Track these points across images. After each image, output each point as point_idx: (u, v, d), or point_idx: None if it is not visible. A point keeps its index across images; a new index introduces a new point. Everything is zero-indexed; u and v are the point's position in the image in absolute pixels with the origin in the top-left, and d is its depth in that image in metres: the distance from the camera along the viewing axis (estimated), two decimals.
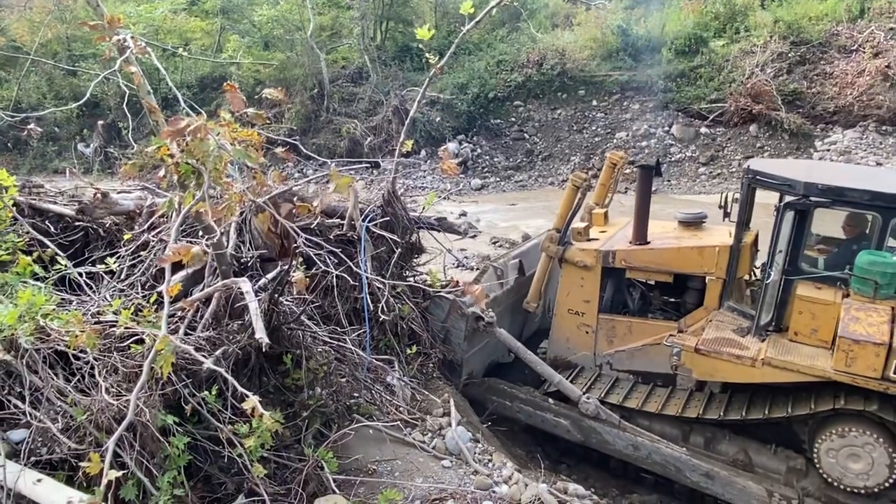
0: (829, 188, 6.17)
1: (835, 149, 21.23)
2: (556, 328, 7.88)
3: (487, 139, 25.07)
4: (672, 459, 6.62)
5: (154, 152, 3.75)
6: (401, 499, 4.74)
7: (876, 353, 5.55)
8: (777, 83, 22.41)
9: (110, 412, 3.80)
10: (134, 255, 5.41)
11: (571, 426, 7.03)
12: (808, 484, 6.34)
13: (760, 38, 24.04)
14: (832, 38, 23.55)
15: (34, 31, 28.30)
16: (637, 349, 7.40)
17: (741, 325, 6.80)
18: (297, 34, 26.79)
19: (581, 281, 7.50)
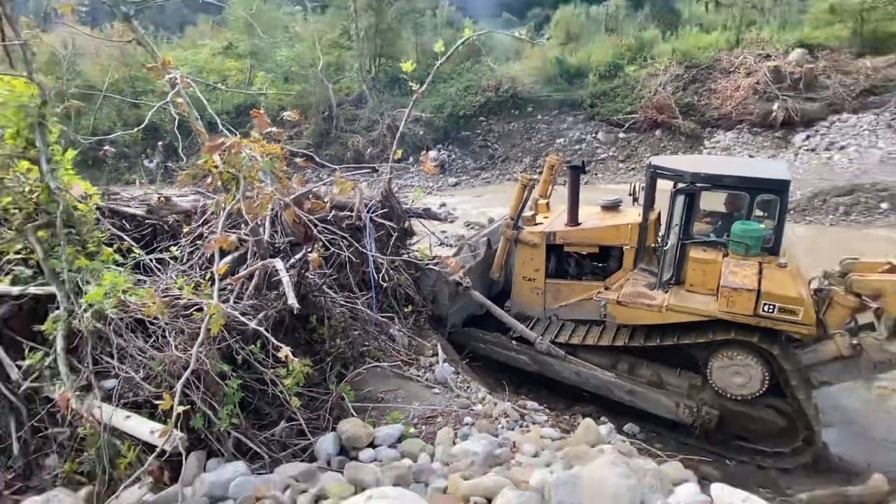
0: (710, 175, 6.31)
1: (719, 146, 21.38)
2: (515, 292, 7.86)
3: (459, 147, 24.93)
4: (604, 382, 6.71)
5: (203, 164, 3.68)
6: (403, 418, 4.78)
7: (749, 297, 5.70)
8: (675, 98, 22.46)
9: (179, 363, 3.77)
10: (192, 244, 5.32)
11: (530, 360, 7.12)
12: (704, 396, 6.46)
13: (662, 63, 24.02)
14: (716, 63, 23.59)
15: (104, 73, 27.63)
16: (575, 303, 7.42)
17: (650, 282, 6.87)
18: (310, 69, 26.34)
19: (531, 255, 7.50)
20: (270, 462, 4.02)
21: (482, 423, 4.68)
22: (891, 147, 18.48)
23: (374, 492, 1.87)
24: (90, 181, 5.10)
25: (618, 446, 4.13)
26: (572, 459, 2.94)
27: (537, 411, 5.69)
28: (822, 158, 19.10)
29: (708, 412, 6.30)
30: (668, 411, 6.49)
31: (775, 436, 6.25)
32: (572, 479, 2.13)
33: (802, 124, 20.54)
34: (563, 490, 2.10)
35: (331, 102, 25.87)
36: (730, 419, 6.34)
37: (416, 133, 24.20)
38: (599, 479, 2.07)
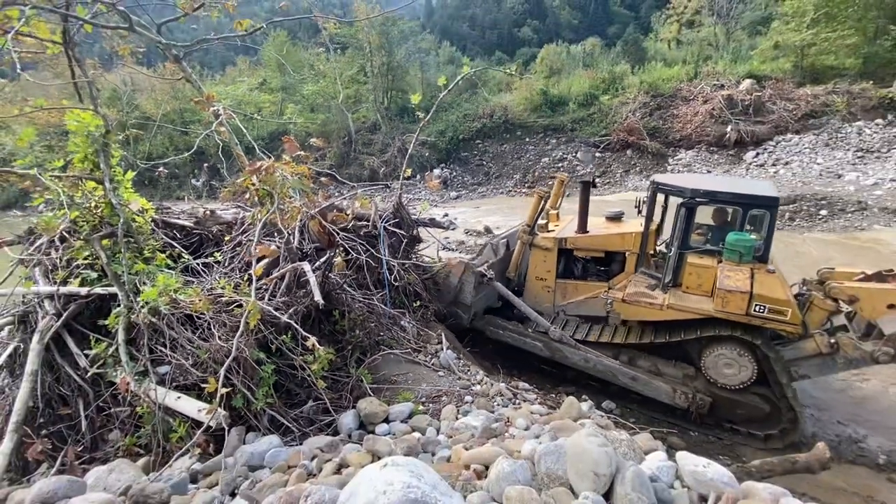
0: (708, 192, 6.16)
1: (681, 163, 21.33)
2: (528, 290, 7.66)
3: (460, 166, 24.96)
4: (610, 368, 6.59)
5: (242, 183, 3.69)
6: (413, 397, 4.75)
7: (742, 298, 5.64)
8: (643, 122, 22.47)
9: (222, 351, 3.76)
10: (233, 250, 5.32)
11: (543, 347, 6.97)
12: (697, 384, 6.37)
13: (631, 93, 24.06)
14: (677, 92, 23.62)
15: (158, 106, 27.79)
16: (581, 301, 7.29)
17: (651, 283, 6.75)
18: (332, 101, 26.52)
19: (544, 258, 7.38)
20: (300, 435, 4.00)
21: (480, 401, 4.65)
22: (828, 163, 18.42)
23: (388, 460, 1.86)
24: (146, 198, 5.12)
25: (596, 420, 4.11)
26: (558, 432, 2.92)
27: (528, 391, 5.65)
28: (769, 173, 19.05)
29: (701, 398, 6.21)
30: (667, 396, 6.37)
31: (761, 419, 6.18)
32: (557, 448, 2.13)
33: (752, 144, 20.52)
34: (549, 458, 2.10)
35: (350, 129, 25.99)
36: (721, 405, 6.25)
37: (422, 154, 24.27)
38: (580, 448, 2.05)
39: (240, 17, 4.12)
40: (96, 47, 26.72)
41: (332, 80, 27.11)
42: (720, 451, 6.04)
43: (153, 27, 4.40)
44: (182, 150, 24.53)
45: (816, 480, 5.12)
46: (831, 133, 19.60)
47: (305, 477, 3.02)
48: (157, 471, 3.23)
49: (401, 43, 28.09)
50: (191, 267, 5.05)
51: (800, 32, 22.14)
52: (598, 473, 1.89)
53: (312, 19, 5.23)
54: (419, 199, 20.75)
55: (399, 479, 1.62)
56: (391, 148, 24.72)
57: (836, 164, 18.26)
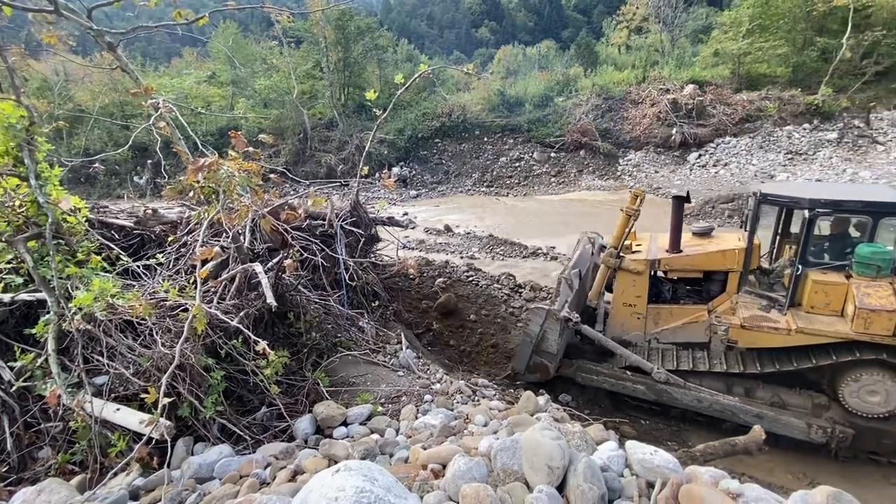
0: (831, 201, 5.46)
1: (631, 164, 22.23)
2: (613, 317, 6.91)
3: (419, 164, 24.88)
4: (729, 406, 5.86)
5: (185, 181, 3.50)
6: (372, 398, 4.68)
7: (889, 317, 5.10)
8: (595, 124, 23.23)
9: (166, 359, 3.57)
10: (177, 251, 5.05)
11: (647, 390, 6.25)
12: (832, 414, 5.70)
13: (584, 95, 24.81)
14: (627, 95, 24.57)
15: (95, 98, 25.98)
16: (678, 327, 6.60)
17: (761, 304, 6.14)
18: (287, 97, 25.72)
19: (634, 282, 6.63)
20: (253, 443, 3.86)
21: (440, 400, 4.64)
22: (762, 164, 19.76)
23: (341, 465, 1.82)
24: (83, 196, 4.77)
25: (553, 413, 4.20)
26: (514, 426, 2.96)
27: (486, 387, 5.69)
28: (710, 173, 20.20)
29: (842, 431, 5.52)
30: (801, 433, 5.63)
31: None
32: (512, 444, 2.15)
33: (695, 145, 21.67)
34: (505, 454, 2.12)
35: (305, 126, 25.32)
36: (863, 436, 5.56)
37: (381, 152, 24.01)
38: (534, 442, 2.09)
39: (185, 5, 3.89)
40: (22, 33, 24.62)
41: (286, 75, 26.29)
42: (668, 438, 6.33)
43: (84, 12, 4.08)
44: (122, 145, 23.08)
45: (754, 461, 5.49)
46: (765, 136, 21.04)
47: (258, 486, 2.91)
48: (93, 489, 3.01)
49: (358, 39, 27.61)
50: (131, 270, 4.75)
51: (736, 41, 23.61)
52: (552, 466, 1.93)
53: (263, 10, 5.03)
54: (378, 197, 20.49)
55: (351, 485, 1.58)
56: (349, 145, 24.30)
57: (769, 165, 19.63)
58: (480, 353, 7.96)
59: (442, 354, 7.49)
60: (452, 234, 15.18)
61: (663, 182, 20.21)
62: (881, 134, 19.65)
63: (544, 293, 9.89)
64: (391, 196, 21.45)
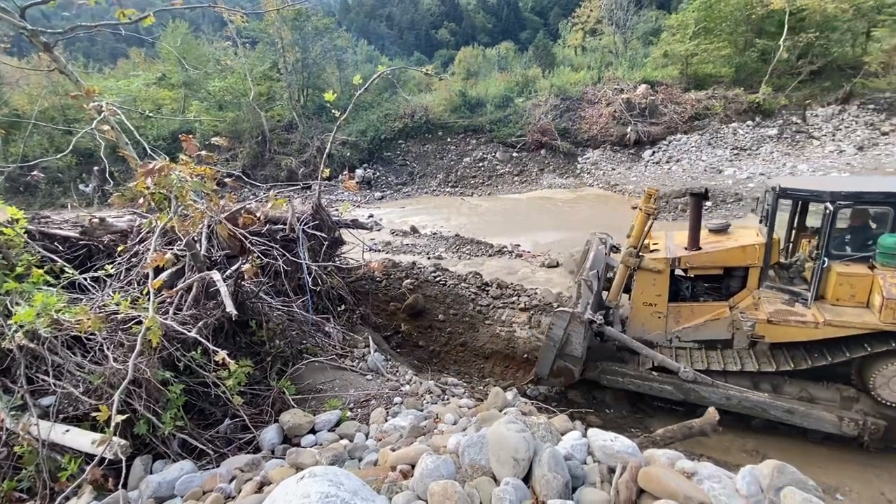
0: (852, 193, 5.46)
1: (589, 162, 22.86)
2: (633, 317, 6.86)
3: (383, 166, 24.70)
4: (759, 403, 5.85)
5: (135, 187, 3.34)
6: (340, 404, 4.62)
7: None
8: (554, 123, 23.76)
9: (119, 375, 3.40)
10: (128, 262, 4.82)
11: (674, 389, 6.19)
12: (862, 406, 5.68)
13: (543, 95, 25.33)
14: (584, 95, 25.26)
15: (33, 102, 24.34)
16: (700, 325, 6.58)
17: (784, 299, 6.08)
18: (243, 99, 24.96)
19: (654, 281, 6.60)
20: (217, 457, 3.73)
21: (410, 401, 4.64)
22: (711, 160, 20.78)
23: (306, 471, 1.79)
24: (22, 206, 4.47)
25: (521, 407, 4.28)
26: (483, 423, 3.00)
27: (456, 386, 5.74)
28: (664, 169, 21.07)
29: (874, 423, 5.52)
30: (833, 426, 5.64)
31: None
32: (479, 439, 2.18)
33: (649, 143, 22.54)
34: (472, 450, 2.15)
35: (263, 128, 24.65)
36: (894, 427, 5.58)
37: (343, 154, 23.71)
38: (500, 436, 2.12)
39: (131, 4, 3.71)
40: None
41: (241, 77, 25.50)
42: (632, 425, 6.56)
43: (17, 11, 3.82)
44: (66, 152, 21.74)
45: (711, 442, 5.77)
46: (712, 133, 22.14)
47: (223, 501, 2.82)
48: None
49: (316, 39, 27.13)
50: (78, 283, 4.50)
51: (684, 43, 24.74)
52: (518, 458, 1.97)
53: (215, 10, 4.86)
54: (341, 199, 20.22)
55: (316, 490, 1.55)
56: (310, 148, 23.83)
57: (717, 160, 20.67)
58: (450, 353, 8.00)
59: (411, 356, 7.48)
60: (419, 235, 15.17)
61: (620, 179, 20.91)
62: (816, 129, 21.08)
63: (510, 290, 10.04)
64: (355, 198, 21.21)
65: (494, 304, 9.51)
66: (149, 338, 2.96)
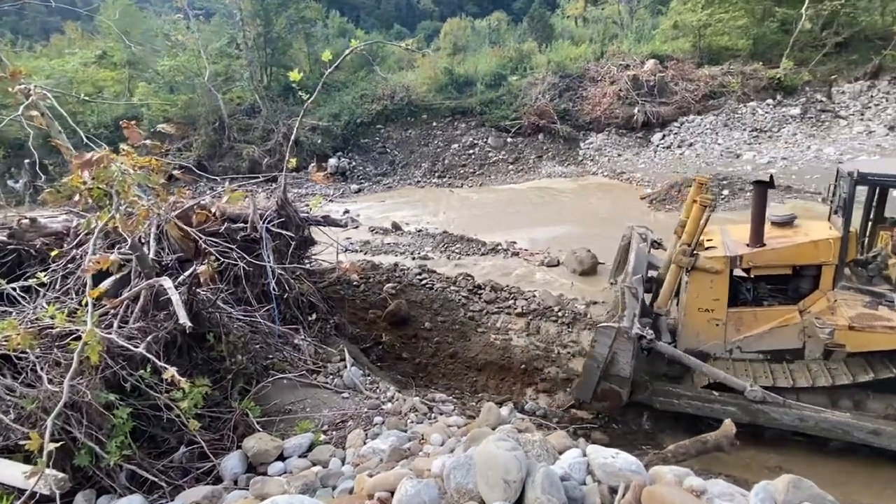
0: None
1: (592, 147, 23.02)
2: (686, 325, 6.70)
3: (360, 154, 24.58)
4: (839, 424, 5.65)
5: (70, 182, 3.30)
6: (313, 426, 4.63)
7: None
8: (553, 104, 23.85)
9: (55, 398, 3.36)
10: (65, 268, 4.77)
11: (740, 411, 5.99)
12: None
13: (540, 73, 25.43)
14: (585, 72, 25.39)
15: None
16: (765, 333, 6.40)
17: (864, 301, 5.97)
18: (197, 79, 24.64)
19: (711, 283, 6.40)
20: (171, 490, 3.73)
21: (392, 421, 4.66)
22: (727, 143, 21.11)
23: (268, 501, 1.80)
24: None
25: (517, 424, 4.32)
26: (472, 442, 3.02)
27: (444, 402, 5.78)
28: (675, 154, 21.35)
29: None
30: None
31: None
32: (466, 460, 2.21)
33: (658, 125, 22.80)
34: (459, 472, 2.17)
35: (221, 113, 24.36)
36: None
37: (314, 141, 23.56)
38: (489, 455, 2.15)
39: None
40: None
41: (194, 54, 25.20)
42: (643, 441, 6.66)
43: None
44: None
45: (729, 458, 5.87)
46: (729, 113, 22.48)
47: None
48: None
49: (280, 11, 26.92)
50: (6, 293, 4.44)
51: (696, 13, 25.05)
52: (508, 480, 2.01)
53: None
54: (311, 193, 20.11)
55: None
56: (275, 134, 23.62)
57: (734, 143, 21.00)
58: (438, 365, 8.03)
59: (394, 370, 7.50)
60: (401, 233, 15.18)
61: (627, 166, 21.12)
62: (843, 108, 21.53)
63: (506, 293, 10.11)
64: (327, 191, 21.10)
65: (488, 309, 9.57)
66: (88, 355, 2.93)
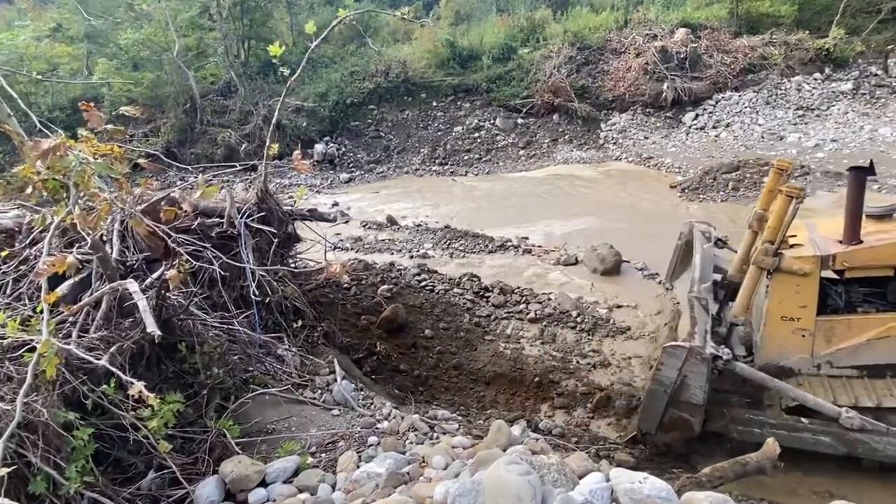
0: None
1: (615, 129, 22.96)
2: (766, 336, 6.56)
3: (350, 139, 24.60)
4: None
5: (21, 172, 3.32)
6: (299, 448, 4.66)
7: None
8: (570, 80, 23.79)
9: (7, 418, 3.38)
10: (17, 270, 4.80)
11: (834, 441, 5.89)
12: None
13: (555, 45, 25.34)
14: (606, 43, 25.30)
15: None
16: (861, 345, 6.23)
17: None
18: (165, 55, 24.69)
19: (797, 287, 6.23)
20: None
21: (388, 442, 4.69)
22: (769, 123, 21.03)
23: None
24: None
25: (530, 445, 4.33)
26: (480, 465, 3.03)
27: (448, 420, 5.79)
28: (710, 136, 21.28)
29: None
30: None
31: None
32: (472, 486, 2.21)
33: (691, 103, 22.71)
34: (465, 500, 2.17)
35: (193, 93, 24.43)
36: None
37: (298, 125, 23.59)
38: (499, 480, 2.16)
39: None
40: None
41: (161, 26, 25.24)
42: (674, 464, 6.68)
43: None
44: None
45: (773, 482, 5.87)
46: (771, 90, 22.38)
47: None
48: None
49: None
50: None
51: None
52: None
53: None
54: (296, 184, 20.13)
55: None
56: (254, 117, 23.65)
57: (777, 124, 20.91)
58: (440, 378, 8.06)
59: (390, 383, 7.53)
60: (398, 228, 15.20)
61: (655, 150, 21.06)
62: None
63: (517, 296, 10.12)
64: (314, 182, 21.12)
65: (496, 314, 9.59)
66: (43, 368, 2.95)
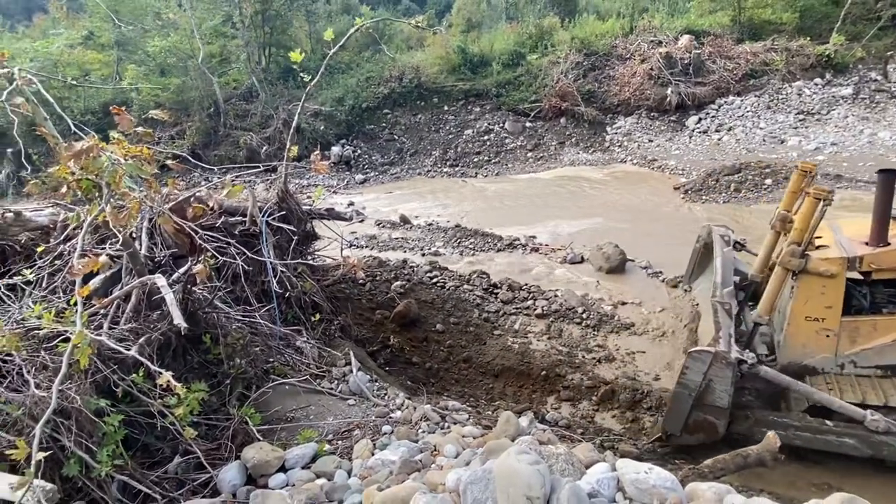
0: None
1: (621, 132, 22.83)
2: (790, 336, 6.52)
3: (365, 141, 24.68)
4: None
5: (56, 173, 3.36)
6: (316, 435, 4.68)
7: None
8: (577, 85, 23.69)
9: (44, 404, 3.43)
10: (52, 265, 4.86)
11: (859, 443, 5.81)
12: None
13: (562, 51, 25.25)
14: (612, 50, 25.15)
15: None
16: (886, 345, 6.18)
17: None
18: (190, 61, 24.89)
19: (823, 288, 6.18)
20: (165, 503, 3.80)
21: (401, 430, 4.69)
22: (771, 127, 20.77)
23: None
24: None
25: (538, 436, 4.31)
26: (490, 455, 3.03)
27: (458, 410, 5.79)
28: (713, 140, 21.06)
29: None
30: None
31: None
32: (484, 474, 2.21)
33: (694, 107, 22.51)
34: (476, 487, 2.17)
35: (217, 97, 24.61)
36: None
37: (316, 128, 23.68)
38: (510, 469, 2.15)
39: None
40: None
41: (187, 34, 25.43)
42: (676, 455, 6.63)
43: None
44: None
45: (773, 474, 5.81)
46: (772, 94, 22.10)
47: None
48: None
49: None
50: None
51: None
52: (531, 497, 2.00)
53: None
54: (314, 184, 20.20)
55: None
56: (274, 121, 23.80)
57: (778, 128, 20.65)
58: (450, 370, 8.06)
59: (403, 375, 7.54)
60: (410, 227, 15.24)
61: (659, 153, 20.90)
62: None
63: (524, 292, 10.09)
64: (331, 182, 21.20)
65: (505, 309, 9.57)
66: (77, 358, 2.98)
